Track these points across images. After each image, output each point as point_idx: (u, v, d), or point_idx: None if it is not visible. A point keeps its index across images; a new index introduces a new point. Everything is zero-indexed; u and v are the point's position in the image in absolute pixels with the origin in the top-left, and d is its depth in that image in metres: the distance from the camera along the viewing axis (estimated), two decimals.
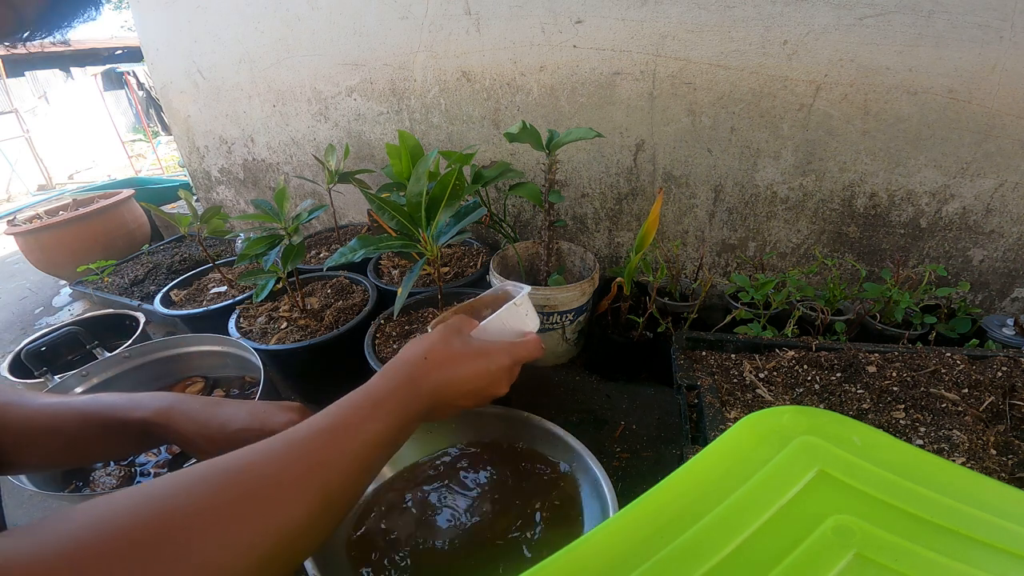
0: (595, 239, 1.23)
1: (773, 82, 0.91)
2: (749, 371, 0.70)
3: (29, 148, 5.42)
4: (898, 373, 0.66)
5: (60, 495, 0.66)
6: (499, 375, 0.49)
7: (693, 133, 1.01)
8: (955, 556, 0.31)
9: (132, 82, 7.02)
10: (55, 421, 0.49)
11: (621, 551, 0.33)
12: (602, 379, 1.04)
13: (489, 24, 1.06)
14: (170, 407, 0.51)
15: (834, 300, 0.89)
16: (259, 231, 0.87)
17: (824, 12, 0.83)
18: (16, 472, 0.56)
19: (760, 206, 1.03)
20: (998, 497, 0.35)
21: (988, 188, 0.88)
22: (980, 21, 0.77)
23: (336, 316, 0.95)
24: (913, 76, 0.84)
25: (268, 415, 0.52)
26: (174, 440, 0.51)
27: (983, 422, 0.59)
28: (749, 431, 0.41)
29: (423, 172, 0.65)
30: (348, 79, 1.28)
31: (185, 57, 1.50)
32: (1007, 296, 0.98)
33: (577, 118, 1.08)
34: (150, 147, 5.79)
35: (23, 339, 1.08)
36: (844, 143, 0.92)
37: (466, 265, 1.14)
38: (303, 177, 1.46)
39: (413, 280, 0.68)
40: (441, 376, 0.45)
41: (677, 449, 0.81)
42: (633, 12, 0.93)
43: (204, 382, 0.94)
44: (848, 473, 0.37)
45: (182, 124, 1.69)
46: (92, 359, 0.99)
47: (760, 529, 0.33)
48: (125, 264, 1.54)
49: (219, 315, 1.02)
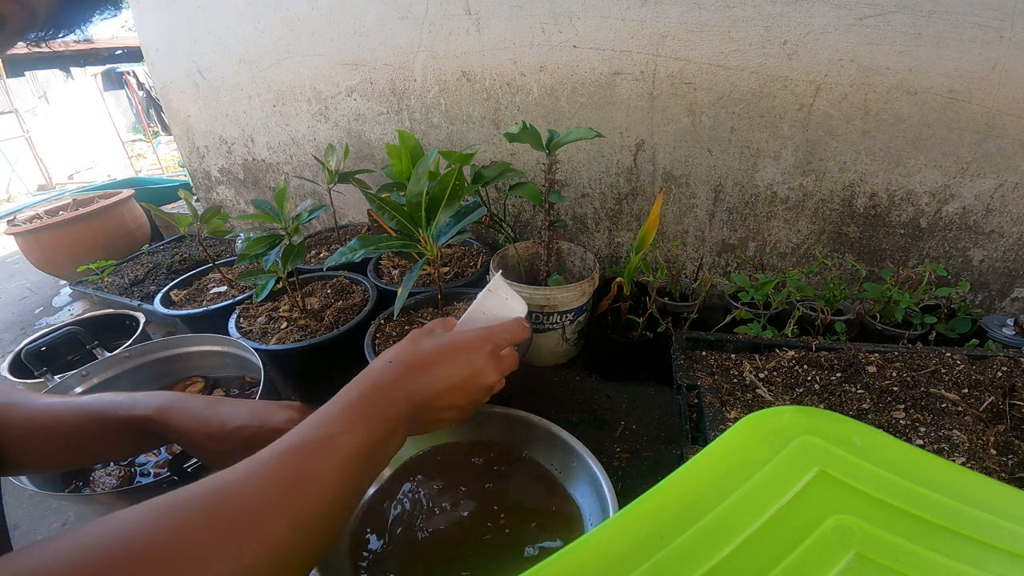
0: (595, 239, 1.23)
1: (773, 82, 0.91)
2: (749, 371, 0.70)
3: (29, 148, 5.42)
4: (898, 373, 0.66)
5: (60, 495, 0.66)
6: (480, 364, 0.45)
7: (693, 133, 1.01)
8: (955, 556, 0.31)
9: (132, 82, 7.02)
10: (55, 421, 0.49)
11: (621, 551, 0.33)
12: (602, 379, 1.04)
13: (489, 24, 1.06)
14: (170, 405, 0.51)
15: (834, 300, 0.89)
16: (259, 231, 0.87)
17: (824, 12, 0.83)
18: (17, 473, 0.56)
19: (760, 206, 1.03)
20: (998, 497, 0.35)
21: (988, 188, 0.88)
22: (980, 21, 0.77)
23: (336, 316, 0.95)
24: (913, 76, 0.84)
25: (268, 413, 0.52)
26: (174, 439, 0.51)
27: (983, 422, 0.59)
28: (749, 431, 0.41)
29: (423, 172, 0.65)
30: (348, 79, 1.28)
31: (185, 57, 1.50)
32: (1007, 296, 0.98)
33: (577, 118, 1.08)
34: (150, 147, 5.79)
35: (23, 339, 1.08)
36: (844, 143, 0.92)
37: (466, 265, 1.14)
38: (303, 177, 1.46)
39: (413, 280, 0.68)
40: (414, 378, 0.42)
41: (677, 449, 0.81)
42: (633, 12, 0.93)
43: (204, 382, 0.94)
44: (848, 473, 0.37)
45: (182, 124, 1.69)
46: (92, 359, 0.99)
47: (760, 529, 0.33)
48: (125, 264, 1.54)
49: (219, 315, 1.01)
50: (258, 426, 0.50)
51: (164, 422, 0.50)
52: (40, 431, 0.48)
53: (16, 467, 0.49)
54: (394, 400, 0.41)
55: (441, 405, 0.43)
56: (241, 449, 0.49)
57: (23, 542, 0.81)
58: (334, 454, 0.35)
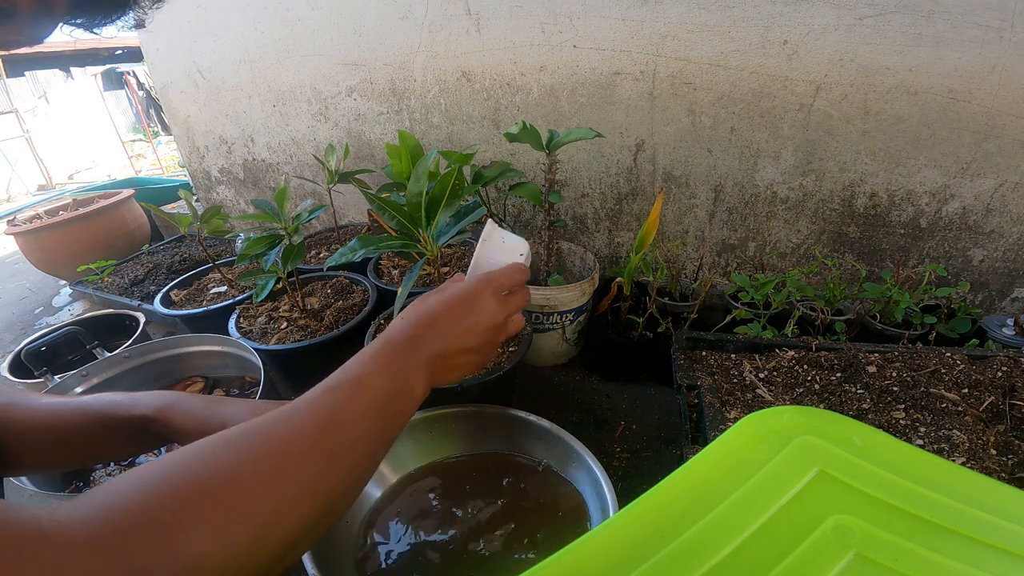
0: (595, 239, 1.23)
1: (773, 82, 0.91)
2: (749, 371, 0.70)
3: (29, 148, 5.42)
4: (898, 373, 0.66)
5: (60, 495, 0.66)
6: (482, 306, 0.48)
7: (693, 133, 1.01)
8: (955, 556, 0.31)
9: (132, 82, 7.01)
10: (56, 421, 0.49)
11: (621, 551, 0.33)
12: (602, 379, 1.04)
13: (489, 24, 1.06)
14: (171, 405, 0.51)
15: (834, 300, 0.89)
16: (259, 231, 0.87)
17: (824, 12, 0.83)
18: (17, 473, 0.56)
19: (760, 206, 1.03)
20: (998, 497, 0.35)
21: (988, 188, 0.88)
22: (980, 21, 0.77)
23: (336, 316, 0.95)
24: (913, 76, 0.84)
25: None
26: (175, 438, 0.51)
27: (983, 422, 0.59)
28: (749, 431, 0.41)
29: (423, 172, 0.65)
30: (348, 79, 1.28)
31: (185, 57, 1.50)
32: (1007, 296, 0.98)
33: (577, 118, 1.08)
34: (150, 147, 5.79)
35: (23, 339, 1.08)
36: (844, 143, 0.92)
37: (466, 265, 1.14)
38: (303, 177, 1.46)
39: (413, 280, 0.68)
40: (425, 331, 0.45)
41: (677, 449, 0.81)
42: (633, 12, 0.93)
43: (204, 382, 0.94)
44: (848, 473, 0.37)
45: (182, 124, 1.69)
46: (92, 359, 0.99)
47: (760, 529, 0.33)
48: (125, 264, 1.54)
49: (219, 315, 1.01)
50: None
51: (165, 422, 0.50)
52: (40, 431, 0.48)
53: (16, 467, 0.49)
54: (411, 351, 0.43)
55: (455, 350, 0.46)
56: None
57: None
58: (365, 392, 0.38)
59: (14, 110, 5.34)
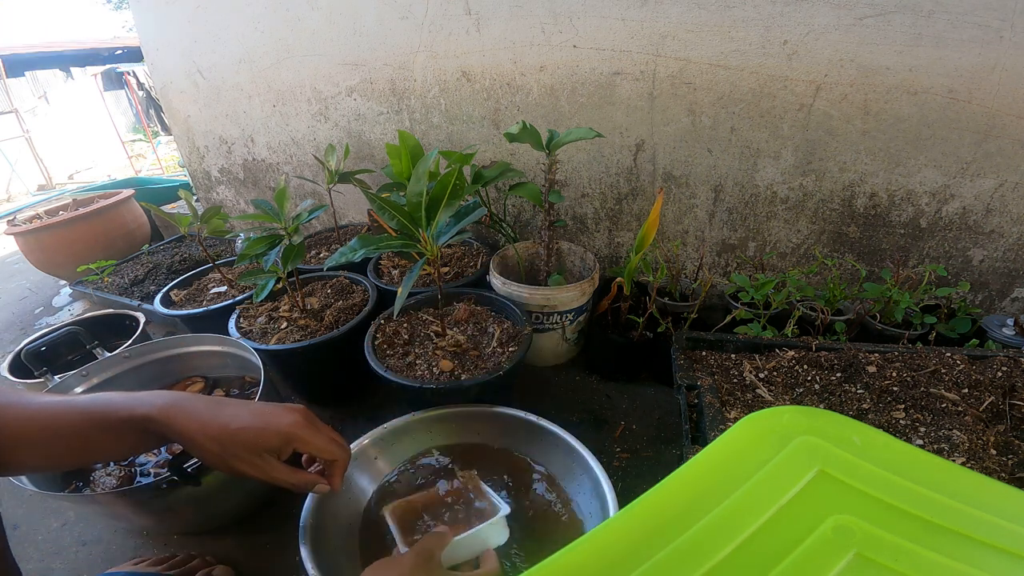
0: (595, 239, 1.23)
1: (773, 82, 0.91)
2: (749, 371, 0.70)
3: (29, 148, 5.41)
4: (898, 373, 0.66)
5: (60, 495, 0.66)
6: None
7: (693, 133, 1.01)
8: (955, 556, 0.31)
9: (132, 82, 7.01)
10: (56, 421, 0.48)
11: (621, 551, 0.33)
12: (602, 379, 1.04)
13: (489, 24, 1.06)
14: (171, 405, 0.51)
15: (834, 300, 0.89)
16: (259, 231, 0.87)
17: (824, 12, 0.83)
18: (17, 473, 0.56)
19: (760, 206, 1.03)
20: (998, 497, 0.35)
21: (988, 188, 0.88)
22: (980, 21, 0.77)
23: (336, 316, 0.95)
24: (913, 76, 0.84)
25: (271, 416, 0.51)
26: (175, 438, 0.51)
27: (983, 422, 0.59)
28: (749, 431, 0.41)
29: (423, 172, 0.65)
30: (348, 79, 1.28)
31: (185, 57, 1.50)
32: (1007, 296, 0.98)
33: (577, 118, 1.08)
34: (150, 147, 5.79)
35: (23, 339, 1.08)
36: (844, 143, 0.92)
37: (466, 265, 1.14)
38: (303, 177, 1.46)
39: (413, 280, 0.68)
40: None
41: (677, 449, 0.81)
42: (633, 12, 0.93)
43: (204, 382, 0.94)
44: (848, 473, 0.37)
45: (182, 124, 1.69)
46: (92, 359, 0.99)
47: (760, 529, 0.33)
48: (125, 264, 1.54)
49: (219, 315, 1.01)
50: (261, 428, 0.50)
51: (165, 422, 0.50)
52: (40, 431, 0.48)
53: (16, 467, 0.49)
54: None
55: None
56: (242, 451, 0.49)
57: (23, 542, 0.81)
58: None
59: (14, 110, 5.34)
